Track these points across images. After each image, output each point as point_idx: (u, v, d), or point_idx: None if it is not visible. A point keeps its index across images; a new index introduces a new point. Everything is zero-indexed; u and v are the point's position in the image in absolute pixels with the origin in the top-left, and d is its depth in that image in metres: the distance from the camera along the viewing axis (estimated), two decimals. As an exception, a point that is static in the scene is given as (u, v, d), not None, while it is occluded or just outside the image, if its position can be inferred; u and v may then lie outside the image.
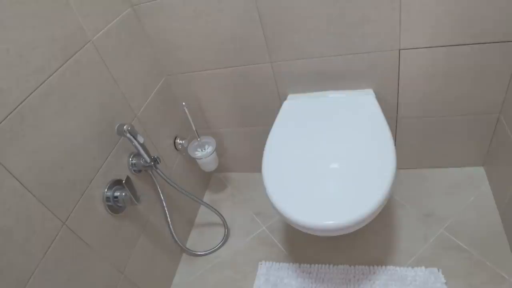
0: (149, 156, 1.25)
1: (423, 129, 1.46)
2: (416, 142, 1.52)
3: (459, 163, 1.56)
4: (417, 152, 1.56)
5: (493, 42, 1.16)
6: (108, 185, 1.15)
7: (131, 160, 1.28)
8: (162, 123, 1.46)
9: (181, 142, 1.50)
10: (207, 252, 1.52)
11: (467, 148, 1.50)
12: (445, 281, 1.27)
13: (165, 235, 1.45)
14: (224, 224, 1.59)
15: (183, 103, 1.43)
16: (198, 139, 1.52)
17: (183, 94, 1.53)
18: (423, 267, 1.32)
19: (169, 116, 1.51)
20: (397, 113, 1.41)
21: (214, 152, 1.53)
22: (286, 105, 1.38)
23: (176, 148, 1.51)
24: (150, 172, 1.33)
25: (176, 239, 1.46)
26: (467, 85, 1.29)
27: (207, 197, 1.79)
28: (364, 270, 1.36)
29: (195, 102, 1.55)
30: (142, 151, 1.23)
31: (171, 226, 1.44)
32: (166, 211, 1.41)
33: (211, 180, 1.86)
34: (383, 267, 1.35)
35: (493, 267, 1.26)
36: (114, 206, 1.17)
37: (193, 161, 1.61)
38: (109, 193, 1.15)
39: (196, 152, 1.54)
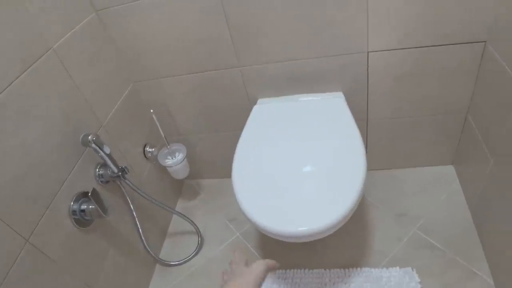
0: (116, 166, 1.21)
1: (393, 130, 1.47)
2: (387, 143, 1.53)
3: (429, 162, 1.59)
4: (388, 152, 1.57)
5: (460, 43, 1.18)
6: (74, 198, 1.11)
7: (98, 171, 1.23)
8: (130, 131, 1.42)
9: (150, 150, 1.46)
10: (181, 261, 1.49)
11: (437, 147, 1.52)
12: (419, 280, 1.28)
13: (137, 247, 1.41)
14: (198, 233, 1.55)
15: (151, 111, 1.39)
16: (168, 146, 1.48)
17: (152, 101, 1.49)
18: (397, 267, 1.32)
19: (138, 124, 1.47)
20: (367, 115, 1.42)
21: (185, 159, 1.50)
22: (256, 109, 1.36)
23: (145, 156, 1.47)
24: (119, 183, 1.28)
25: (149, 250, 1.42)
26: (435, 85, 1.30)
27: (180, 205, 1.76)
28: (339, 273, 1.36)
29: (164, 109, 1.51)
30: (109, 162, 1.19)
31: (142, 237, 1.39)
32: (137, 222, 1.37)
33: (184, 187, 1.83)
34: (358, 269, 1.35)
35: (465, 264, 1.28)
36: (81, 220, 1.13)
37: (163, 169, 1.57)
38: (75, 206, 1.10)
39: (167, 160, 1.51)
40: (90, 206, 1.13)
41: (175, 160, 1.48)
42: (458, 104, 1.35)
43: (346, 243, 1.43)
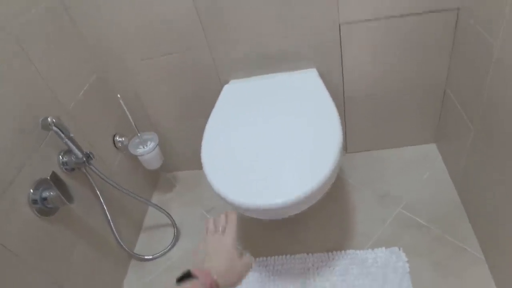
0: (80, 151, 1.13)
1: (372, 108, 1.43)
2: (366, 123, 1.49)
3: (411, 142, 1.55)
4: (368, 133, 1.53)
5: (433, 12, 1.15)
6: (35, 185, 1.03)
7: (62, 158, 1.15)
8: (98, 120, 1.35)
9: (120, 139, 1.39)
10: (156, 255, 1.41)
11: (418, 125, 1.48)
12: (407, 259, 1.22)
13: (110, 241, 1.33)
14: (173, 225, 1.48)
15: (118, 95, 1.33)
16: (139, 134, 1.42)
17: (121, 90, 1.42)
18: (383, 248, 1.27)
19: (106, 112, 1.40)
20: (343, 93, 1.38)
21: (157, 147, 1.43)
22: (226, 88, 1.31)
23: (116, 146, 1.40)
24: (85, 170, 1.21)
25: (122, 245, 1.34)
26: (411, 58, 1.27)
27: (155, 198, 1.68)
28: (322, 257, 1.29)
29: (134, 98, 1.45)
30: (72, 146, 1.11)
31: (114, 231, 1.32)
32: (108, 214, 1.29)
33: (159, 181, 1.75)
34: (342, 252, 1.29)
35: (454, 241, 1.23)
36: (43, 209, 1.05)
37: (136, 160, 1.50)
38: (36, 195, 1.03)
39: (138, 149, 1.43)
40: (51, 193, 1.06)
41: (146, 149, 1.41)
42: (436, 78, 1.32)
43: (328, 226, 1.37)
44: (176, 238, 1.45)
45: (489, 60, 0.98)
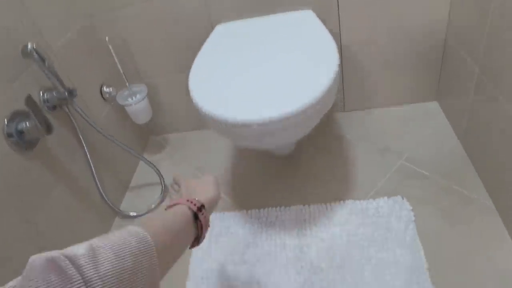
0: (62, 85, 1.07)
1: (369, 59, 1.37)
2: (364, 78, 1.43)
3: (412, 99, 1.49)
4: (366, 90, 1.47)
5: None
6: (10, 116, 0.96)
7: (44, 95, 1.09)
8: (85, 66, 1.29)
9: (108, 90, 1.32)
10: (142, 213, 1.32)
11: (418, 81, 1.43)
12: (411, 207, 1.14)
13: (93, 194, 1.25)
14: (161, 182, 1.39)
15: (106, 38, 1.27)
16: (127, 84, 1.35)
17: (109, 35, 1.35)
18: (385, 198, 1.18)
19: (94, 60, 1.34)
20: (340, 40, 1.32)
21: (146, 99, 1.37)
22: (218, 28, 1.26)
23: (103, 97, 1.33)
24: (67, 110, 1.14)
25: (106, 199, 1.26)
26: (409, 5, 1.23)
27: (142, 164, 1.57)
28: (320, 208, 1.21)
29: (123, 45, 1.39)
30: (54, 78, 1.05)
31: (98, 183, 1.24)
32: (91, 164, 1.21)
33: (149, 143, 1.67)
34: (341, 202, 1.20)
35: (461, 190, 1.15)
36: (19, 142, 0.98)
37: (125, 114, 1.43)
38: (11, 127, 0.95)
39: (126, 101, 1.37)
40: (27, 123, 0.98)
41: (135, 99, 1.35)
42: (436, 24, 1.27)
43: (325, 180, 1.29)
44: (164, 195, 1.37)
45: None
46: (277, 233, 1.17)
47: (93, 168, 1.23)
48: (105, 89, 1.33)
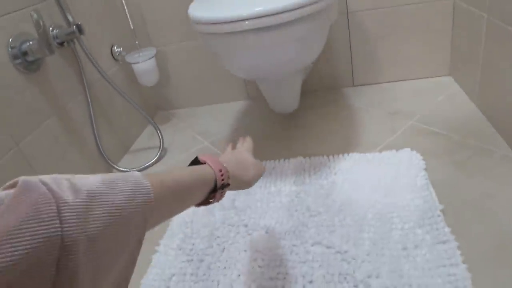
0: (72, 17, 1.11)
1: (377, 27, 1.35)
2: (373, 50, 1.40)
3: (423, 74, 1.42)
4: (375, 64, 1.43)
5: None
6: (15, 36, 0.99)
7: (53, 31, 1.13)
8: (99, 24, 1.34)
9: (118, 49, 1.36)
10: (137, 168, 1.26)
11: (430, 53, 1.38)
12: (422, 157, 1.03)
13: (89, 143, 1.23)
14: (160, 143, 1.34)
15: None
16: (137, 43, 1.38)
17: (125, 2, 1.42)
18: (393, 150, 1.09)
19: (109, 20, 1.39)
20: (347, 5, 1.32)
21: (154, 59, 1.38)
22: None
23: (113, 57, 1.36)
24: (73, 47, 1.17)
25: (101, 149, 1.23)
26: None
27: (148, 129, 1.55)
28: (322, 160, 1.12)
29: (137, 13, 1.44)
30: (65, 10, 1.09)
31: (95, 131, 1.22)
32: (91, 108, 1.21)
33: (156, 117, 1.64)
34: (345, 154, 1.11)
35: (477, 144, 1.05)
36: (23, 62, 1.00)
37: (133, 77, 1.44)
38: (15, 42, 0.99)
39: (135, 59, 1.37)
40: (31, 42, 1.01)
41: (143, 57, 1.36)
42: None
43: (330, 138, 1.22)
44: (161, 155, 1.31)
45: None
46: (272, 182, 1.08)
47: (92, 116, 1.22)
48: (115, 48, 1.36)
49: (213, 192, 0.60)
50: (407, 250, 0.79)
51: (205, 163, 0.61)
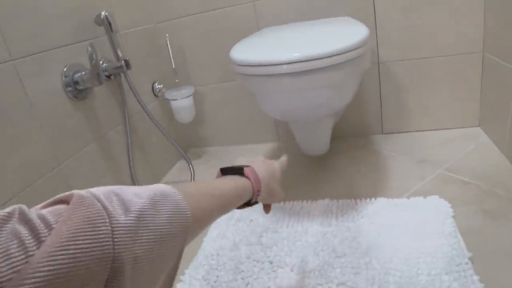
0: (122, 53, 1.21)
1: (407, 77, 1.40)
2: (402, 99, 1.44)
3: (453, 125, 1.44)
4: (405, 113, 1.46)
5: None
6: (69, 66, 1.09)
7: (103, 64, 1.23)
8: (143, 61, 1.44)
9: (159, 86, 1.45)
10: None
11: (459, 104, 1.40)
12: (450, 205, 1.03)
13: (124, 170, 1.29)
14: (192, 175, 1.38)
15: (166, 35, 1.44)
16: (177, 81, 1.47)
17: (170, 41, 1.51)
18: (421, 197, 1.09)
19: (152, 59, 1.50)
20: (378, 56, 1.38)
21: (191, 98, 1.46)
22: (263, 29, 1.38)
23: (154, 93, 1.45)
24: (119, 80, 1.26)
25: (134, 178, 1.28)
26: (444, 16, 1.29)
27: (179, 164, 1.61)
28: (349, 203, 1.13)
29: (179, 53, 1.54)
30: (116, 44, 1.19)
31: (130, 160, 1.28)
32: (129, 139, 1.28)
33: (188, 153, 1.69)
34: (373, 199, 1.12)
35: (507, 194, 1.04)
36: (73, 91, 1.10)
37: (170, 113, 1.52)
38: (69, 72, 1.09)
39: (174, 96, 1.46)
40: (82, 73, 1.11)
41: (181, 94, 1.44)
42: (472, 41, 1.30)
43: (358, 182, 1.23)
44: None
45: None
46: (299, 222, 1.09)
47: (130, 146, 1.28)
48: (156, 85, 1.46)
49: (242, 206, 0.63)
50: (433, 296, 0.78)
51: (247, 176, 0.64)
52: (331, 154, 1.42)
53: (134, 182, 1.29)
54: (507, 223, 0.93)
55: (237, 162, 0.72)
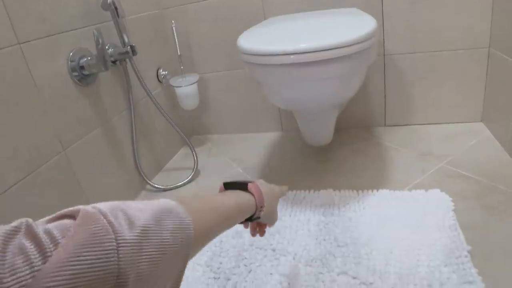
0: (128, 39, 1.20)
1: (412, 70, 1.40)
2: (406, 91, 1.44)
3: (455, 119, 1.45)
4: (408, 106, 1.47)
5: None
6: (74, 51, 1.09)
7: (109, 49, 1.23)
8: (148, 47, 1.44)
9: (164, 73, 1.45)
10: (169, 187, 1.32)
11: (463, 99, 1.40)
12: (451, 198, 1.05)
13: (127, 159, 1.30)
14: (195, 165, 1.39)
15: (172, 21, 1.44)
16: (182, 67, 1.47)
17: (175, 27, 1.51)
18: (422, 190, 1.10)
19: (157, 45, 1.49)
20: (384, 48, 1.38)
21: (196, 85, 1.46)
22: (269, 18, 1.38)
23: (158, 79, 1.45)
24: (125, 65, 1.26)
25: (139, 165, 1.30)
26: (451, 12, 1.28)
27: (182, 151, 1.63)
28: (351, 194, 1.14)
29: (185, 39, 1.54)
30: (122, 29, 1.18)
31: (134, 147, 1.29)
32: (133, 125, 1.28)
33: (191, 140, 1.69)
34: (374, 191, 1.13)
35: (508, 189, 1.05)
36: (79, 75, 1.10)
37: (174, 99, 1.52)
38: (74, 61, 1.08)
39: (178, 83, 1.46)
40: (89, 58, 1.11)
41: (185, 81, 1.44)
42: (478, 37, 1.30)
43: (360, 173, 1.24)
44: (194, 175, 1.36)
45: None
46: (302, 211, 1.11)
47: (134, 132, 1.29)
48: (161, 71, 1.46)
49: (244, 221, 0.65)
50: (432, 287, 0.80)
51: (251, 192, 0.65)
52: (334, 145, 1.43)
53: (138, 167, 1.30)
54: (507, 218, 0.95)
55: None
